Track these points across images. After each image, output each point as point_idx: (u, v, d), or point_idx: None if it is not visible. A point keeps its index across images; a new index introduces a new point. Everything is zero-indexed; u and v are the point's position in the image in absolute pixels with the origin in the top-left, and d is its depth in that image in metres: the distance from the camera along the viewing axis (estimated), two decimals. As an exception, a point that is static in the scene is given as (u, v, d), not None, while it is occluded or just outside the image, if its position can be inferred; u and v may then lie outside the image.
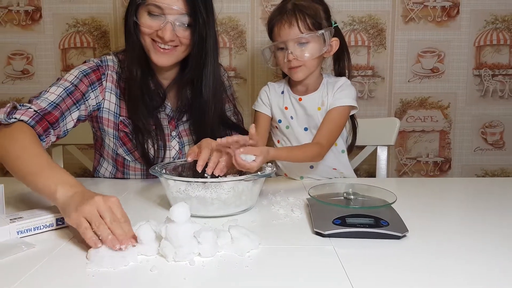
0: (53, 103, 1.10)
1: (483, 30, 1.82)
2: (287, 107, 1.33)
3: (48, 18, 1.83)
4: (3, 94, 1.88)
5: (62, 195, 0.83)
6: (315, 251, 0.78)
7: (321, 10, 1.25)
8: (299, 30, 1.21)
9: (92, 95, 1.20)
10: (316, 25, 1.22)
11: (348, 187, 1.01)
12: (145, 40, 1.17)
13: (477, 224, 0.93)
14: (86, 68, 1.21)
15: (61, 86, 1.14)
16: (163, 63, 1.18)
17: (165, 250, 0.73)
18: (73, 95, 1.15)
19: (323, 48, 1.24)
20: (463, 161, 1.92)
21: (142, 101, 1.21)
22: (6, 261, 0.73)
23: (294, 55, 1.22)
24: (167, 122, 1.29)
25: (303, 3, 1.23)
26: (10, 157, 0.95)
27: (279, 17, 1.23)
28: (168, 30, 1.12)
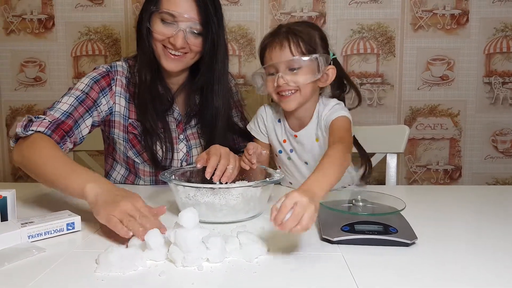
0: (66, 113, 1.14)
1: (492, 38, 1.82)
2: (285, 140, 1.25)
3: (60, 26, 1.86)
4: (16, 101, 1.91)
5: (91, 192, 0.89)
6: (323, 257, 0.78)
7: (317, 36, 1.16)
8: (290, 53, 1.12)
9: (103, 101, 1.23)
10: (310, 50, 1.13)
11: (357, 194, 1.00)
12: (157, 46, 1.20)
13: (487, 232, 0.92)
14: (96, 75, 1.24)
15: (72, 96, 1.17)
16: (173, 68, 1.21)
17: (173, 255, 0.73)
18: (84, 103, 1.18)
19: (317, 74, 1.13)
20: (474, 169, 1.90)
21: (151, 104, 1.23)
22: (17, 265, 0.74)
23: (285, 79, 1.12)
24: (175, 125, 1.31)
25: (298, 28, 1.15)
26: (35, 164, 1.01)
27: (270, 39, 1.16)
28: (180, 38, 1.15)
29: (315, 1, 1.82)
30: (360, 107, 1.83)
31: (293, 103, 1.15)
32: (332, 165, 0.92)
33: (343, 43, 1.83)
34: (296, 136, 1.21)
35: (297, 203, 0.74)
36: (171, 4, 1.15)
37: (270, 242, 0.81)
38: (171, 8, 1.15)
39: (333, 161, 0.94)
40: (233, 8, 1.81)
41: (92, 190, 0.90)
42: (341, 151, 0.98)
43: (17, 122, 1.09)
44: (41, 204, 1.12)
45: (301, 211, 0.74)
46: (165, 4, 1.16)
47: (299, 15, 1.81)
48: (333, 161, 0.94)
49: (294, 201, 0.75)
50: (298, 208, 0.74)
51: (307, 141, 1.20)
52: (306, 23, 1.21)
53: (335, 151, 0.98)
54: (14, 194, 0.93)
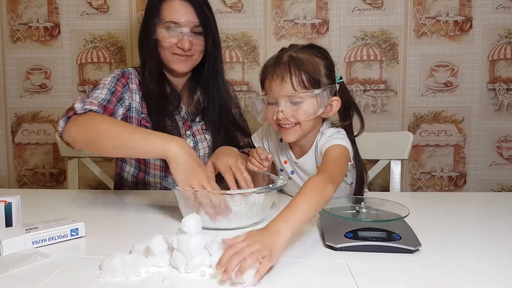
0: (105, 99, 1.22)
1: (496, 44, 1.82)
2: (286, 162, 1.22)
3: (66, 34, 1.88)
4: (21, 108, 1.92)
5: (176, 149, 0.99)
6: (326, 264, 0.77)
7: (321, 66, 1.09)
8: (292, 87, 1.05)
9: (126, 96, 1.31)
10: (313, 82, 1.06)
11: (360, 201, 1.00)
12: (166, 54, 1.30)
13: (492, 239, 0.91)
14: (114, 75, 1.32)
15: (105, 88, 1.25)
16: (183, 69, 1.32)
17: (176, 261, 0.73)
18: (115, 95, 1.27)
19: (319, 109, 1.07)
20: (479, 176, 1.89)
21: (161, 107, 1.32)
22: (21, 271, 0.74)
23: (285, 113, 1.06)
24: (182, 123, 1.38)
25: (301, 56, 1.08)
26: (106, 133, 1.07)
27: (272, 68, 1.09)
28: (186, 41, 1.27)
29: (318, 8, 1.83)
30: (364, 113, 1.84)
31: (293, 136, 1.11)
32: (306, 201, 0.83)
33: (346, 50, 1.83)
34: (297, 163, 1.19)
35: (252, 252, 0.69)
36: (172, 13, 1.26)
37: (273, 248, 0.81)
38: (173, 17, 1.26)
39: (308, 196, 0.85)
40: (236, 15, 1.82)
41: (177, 150, 0.99)
42: (319, 184, 0.89)
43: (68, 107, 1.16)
44: (46, 210, 1.13)
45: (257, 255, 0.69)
46: (167, 14, 1.27)
47: (302, 22, 1.82)
48: (308, 196, 0.85)
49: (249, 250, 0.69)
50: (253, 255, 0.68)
51: (308, 168, 1.17)
52: (311, 49, 1.12)
53: (313, 184, 0.89)
54: (19, 200, 0.93)
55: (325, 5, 1.82)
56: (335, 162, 1.03)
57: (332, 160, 1.04)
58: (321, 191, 0.88)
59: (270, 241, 0.73)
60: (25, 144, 1.94)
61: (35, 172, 1.96)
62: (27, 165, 1.96)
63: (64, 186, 1.94)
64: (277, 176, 1.08)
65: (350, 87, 1.84)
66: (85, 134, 1.10)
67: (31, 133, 1.94)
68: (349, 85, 1.85)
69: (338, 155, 1.05)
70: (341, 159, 1.05)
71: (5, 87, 1.91)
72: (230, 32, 1.83)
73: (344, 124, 1.16)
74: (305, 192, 0.86)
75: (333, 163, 1.02)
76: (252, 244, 0.70)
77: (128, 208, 1.14)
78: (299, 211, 0.81)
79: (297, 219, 0.80)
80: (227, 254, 0.69)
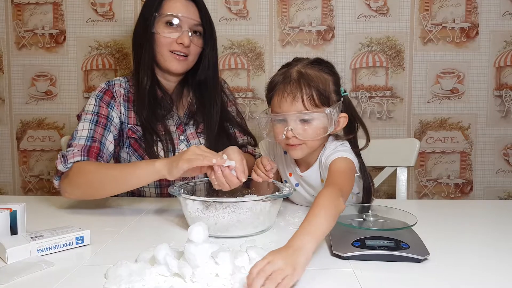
0: (89, 138, 1.22)
1: (503, 50, 1.81)
2: (291, 174, 1.21)
3: (71, 41, 1.89)
4: (27, 115, 1.93)
5: (162, 165, 1.04)
6: (333, 273, 0.76)
7: (330, 82, 1.07)
8: (303, 106, 1.03)
9: (114, 114, 1.29)
10: (324, 100, 1.04)
11: (368, 209, 0.99)
12: (163, 51, 1.29)
13: (501, 247, 0.90)
14: (97, 92, 1.32)
15: (86, 121, 1.25)
16: (179, 70, 1.31)
17: (182, 270, 0.72)
18: (99, 123, 1.26)
19: (329, 127, 1.05)
20: (485, 183, 1.87)
21: (152, 110, 1.31)
22: (26, 279, 0.74)
23: (294, 132, 1.04)
24: (175, 128, 1.35)
25: (310, 73, 1.05)
26: (99, 182, 1.11)
27: (281, 86, 1.05)
28: (186, 36, 1.26)
29: (323, 15, 1.83)
30: (369, 120, 1.84)
31: (300, 153, 1.09)
32: (324, 213, 0.83)
33: (352, 56, 1.83)
34: (302, 176, 1.17)
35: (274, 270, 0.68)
36: (174, 9, 1.27)
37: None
38: (175, 11, 1.26)
39: (325, 208, 0.84)
40: (242, 22, 1.82)
41: (162, 162, 1.05)
42: (331, 196, 0.88)
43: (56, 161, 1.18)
44: (51, 217, 1.12)
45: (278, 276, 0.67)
46: (167, 9, 1.27)
47: (307, 29, 1.82)
48: (325, 209, 0.84)
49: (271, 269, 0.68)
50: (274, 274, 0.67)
51: (312, 181, 1.16)
52: (318, 64, 1.09)
53: (324, 197, 0.88)
54: (24, 207, 0.93)
55: (330, 12, 1.82)
56: (343, 175, 1.02)
57: (339, 173, 1.02)
58: (334, 204, 0.86)
59: (293, 259, 0.71)
60: (30, 151, 1.95)
61: (40, 179, 1.96)
62: (32, 172, 1.96)
63: (69, 192, 1.94)
64: (283, 184, 1.07)
65: (355, 93, 1.84)
66: (82, 191, 1.14)
67: (36, 139, 1.94)
68: (355, 92, 1.84)
69: (344, 168, 1.04)
70: (347, 171, 1.04)
71: (11, 93, 1.92)
72: (235, 38, 1.83)
73: (349, 138, 1.15)
74: (321, 205, 0.85)
75: (341, 176, 1.01)
76: (273, 262, 0.69)
77: (133, 215, 1.13)
78: (318, 224, 0.80)
79: (318, 232, 0.79)
80: (251, 275, 0.67)
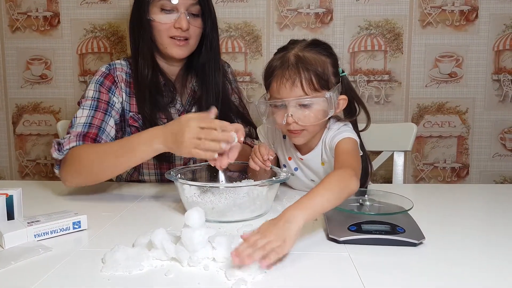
0: (86, 124, 1.19)
1: (502, 34, 1.79)
2: (290, 158, 1.19)
3: (66, 23, 1.86)
4: (22, 99, 1.91)
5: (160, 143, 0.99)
6: (330, 257, 0.77)
7: (329, 64, 1.05)
8: (302, 91, 1.01)
9: (115, 99, 1.26)
10: (323, 83, 1.02)
11: (364, 193, 0.99)
12: (162, 38, 1.24)
13: (495, 231, 0.91)
14: (98, 77, 1.28)
15: (85, 107, 1.22)
16: (181, 55, 1.26)
17: (179, 255, 0.73)
18: (99, 108, 1.22)
19: (329, 111, 1.04)
20: (481, 167, 1.88)
21: (154, 101, 1.27)
22: (23, 264, 0.74)
23: (295, 118, 1.03)
24: (178, 115, 1.32)
25: (308, 56, 1.03)
26: (98, 163, 1.08)
27: (279, 71, 1.03)
28: (183, 19, 1.21)
29: (321, -3, 1.80)
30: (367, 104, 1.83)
31: (302, 139, 1.08)
32: (326, 191, 0.83)
33: (350, 40, 1.81)
34: (302, 159, 1.16)
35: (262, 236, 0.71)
36: None
37: (276, 241, 0.81)
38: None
39: (329, 186, 0.84)
40: (239, 5, 1.80)
41: (159, 141, 0.99)
42: (346, 175, 0.89)
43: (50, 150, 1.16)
44: (48, 202, 1.12)
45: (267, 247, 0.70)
46: None
47: (305, 12, 1.80)
48: (330, 187, 0.84)
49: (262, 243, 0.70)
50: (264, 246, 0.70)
51: (313, 164, 1.14)
52: (316, 47, 1.07)
53: (334, 176, 0.88)
54: (20, 192, 0.93)
55: (328, -6, 1.80)
56: (352, 156, 1.01)
57: (348, 154, 1.02)
58: (345, 183, 0.87)
59: (283, 231, 0.73)
60: (26, 135, 1.94)
61: (37, 163, 1.95)
62: (29, 156, 1.95)
63: (66, 177, 1.94)
64: (280, 169, 1.07)
65: (353, 77, 1.83)
66: (82, 177, 1.11)
67: (32, 124, 1.93)
68: (353, 76, 1.83)
69: (351, 148, 1.04)
70: (354, 151, 1.04)
71: (5, 77, 1.90)
72: (233, 21, 1.81)
73: (350, 120, 1.14)
74: (327, 182, 0.85)
75: (350, 157, 1.01)
76: (265, 236, 0.71)
77: (130, 200, 1.13)
78: (316, 200, 0.80)
79: (313, 208, 0.79)
80: (242, 247, 0.69)
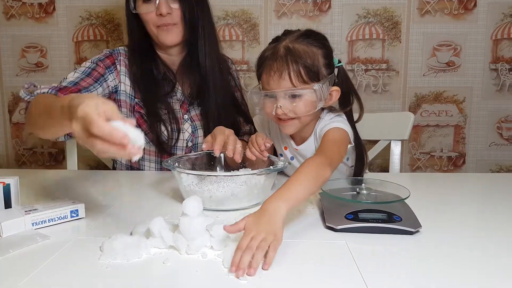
0: (72, 82, 1.17)
1: (500, 23, 1.79)
2: (286, 147, 1.19)
3: (61, 11, 1.84)
4: (18, 87, 1.89)
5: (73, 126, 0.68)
6: (327, 245, 0.77)
7: (320, 56, 1.04)
8: (290, 83, 1.02)
9: (110, 77, 1.27)
10: (312, 75, 1.02)
11: (361, 182, 1.00)
12: (151, 29, 1.25)
13: (491, 219, 0.92)
14: (99, 56, 1.29)
15: (78, 71, 1.22)
16: (172, 40, 1.25)
17: (178, 243, 0.73)
18: (92, 75, 1.22)
19: (319, 102, 1.04)
20: (478, 156, 1.89)
21: (150, 88, 1.27)
22: (21, 252, 0.74)
23: (283, 109, 1.03)
24: (179, 106, 1.32)
25: (298, 47, 1.03)
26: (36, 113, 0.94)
27: (269, 63, 1.04)
28: (162, 5, 1.20)
29: (319, -15, 1.79)
30: (365, 93, 1.83)
31: (292, 128, 1.09)
32: (301, 180, 0.84)
33: (348, 28, 1.80)
34: (297, 150, 1.17)
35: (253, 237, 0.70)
36: None
37: (274, 230, 0.81)
38: None
39: (304, 176, 0.85)
40: (236, -7, 1.78)
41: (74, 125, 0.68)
42: (317, 164, 0.89)
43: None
44: (45, 191, 1.12)
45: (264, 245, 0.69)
46: None
47: (303, 0, 1.79)
48: (304, 176, 0.85)
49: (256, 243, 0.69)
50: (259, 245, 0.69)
51: (308, 155, 1.13)
52: (308, 37, 1.06)
53: (309, 164, 0.89)
54: (17, 181, 0.92)
55: (326, -18, 1.78)
56: (334, 144, 1.02)
57: (330, 142, 1.03)
58: (318, 172, 0.88)
59: (271, 226, 0.73)
60: (22, 124, 1.92)
61: (34, 152, 1.95)
62: (26, 145, 1.94)
63: (63, 165, 1.93)
64: (277, 158, 1.07)
65: (351, 66, 1.82)
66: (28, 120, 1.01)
67: (29, 112, 1.92)
68: (351, 65, 1.82)
69: (337, 138, 1.04)
70: (340, 141, 1.04)
71: (1, 65, 1.88)
72: (230, 9, 1.79)
73: (344, 111, 1.14)
74: (301, 171, 0.86)
75: (332, 145, 1.01)
76: (256, 236, 0.70)
77: (128, 189, 1.14)
78: (294, 189, 0.82)
79: (292, 197, 0.80)
80: (237, 255, 0.68)
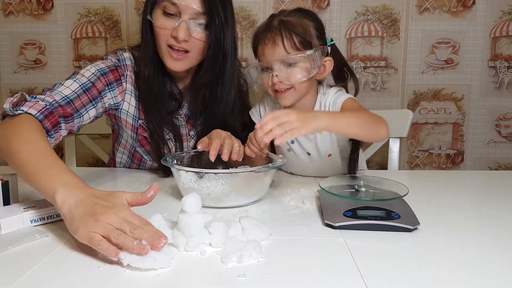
0: (67, 98, 1.04)
1: (499, 20, 1.79)
2: None
3: (59, 7, 1.83)
4: (16, 84, 1.89)
5: (62, 199, 0.74)
6: (325, 243, 0.77)
7: (312, 27, 1.10)
8: (284, 50, 1.07)
9: (108, 95, 1.15)
10: (305, 44, 1.07)
11: (359, 179, 1.00)
12: (161, 45, 1.11)
13: (489, 217, 0.92)
14: (104, 66, 1.15)
15: (77, 81, 1.08)
16: (177, 69, 1.13)
17: (176, 240, 0.73)
18: (89, 92, 1.09)
19: (312, 70, 1.08)
20: (476, 153, 1.89)
21: (155, 106, 1.16)
22: (19, 250, 0.74)
23: (280, 77, 1.08)
24: (185, 121, 1.25)
25: (291, 20, 1.09)
26: (11, 150, 0.85)
27: (263, 34, 1.10)
28: (182, 29, 1.06)
29: (318, -18, 1.79)
30: (363, 91, 1.83)
31: (289, 99, 1.12)
32: (360, 116, 0.99)
33: (347, 25, 1.80)
34: None
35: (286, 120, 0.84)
36: None
37: (272, 227, 0.81)
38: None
39: (363, 116, 1.00)
40: (235, -10, 1.78)
41: (64, 200, 0.73)
42: (377, 117, 1.02)
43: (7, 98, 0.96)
44: (43, 188, 1.12)
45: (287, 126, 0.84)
46: None
47: (302, -3, 1.79)
48: (363, 116, 1.00)
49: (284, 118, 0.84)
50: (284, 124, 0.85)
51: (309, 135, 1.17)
52: (300, 12, 1.13)
53: (370, 115, 1.02)
54: (16, 178, 0.92)
55: (325, -21, 1.78)
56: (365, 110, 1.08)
57: (361, 109, 1.09)
58: (374, 119, 1.01)
59: (305, 117, 0.87)
60: (21, 121, 1.92)
61: (32, 149, 1.94)
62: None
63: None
64: (276, 155, 1.07)
65: (350, 64, 1.82)
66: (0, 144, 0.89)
67: (27, 109, 1.91)
68: (349, 62, 1.81)
69: (359, 106, 1.12)
70: (363, 108, 1.11)
71: (-1, 62, 1.88)
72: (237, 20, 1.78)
73: (340, 85, 1.19)
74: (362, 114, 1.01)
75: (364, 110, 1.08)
76: (289, 113, 0.85)
77: (126, 186, 1.13)
78: (347, 118, 0.96)
79: (341, 121, 0.94)
80: (266, 118, 0.83)
